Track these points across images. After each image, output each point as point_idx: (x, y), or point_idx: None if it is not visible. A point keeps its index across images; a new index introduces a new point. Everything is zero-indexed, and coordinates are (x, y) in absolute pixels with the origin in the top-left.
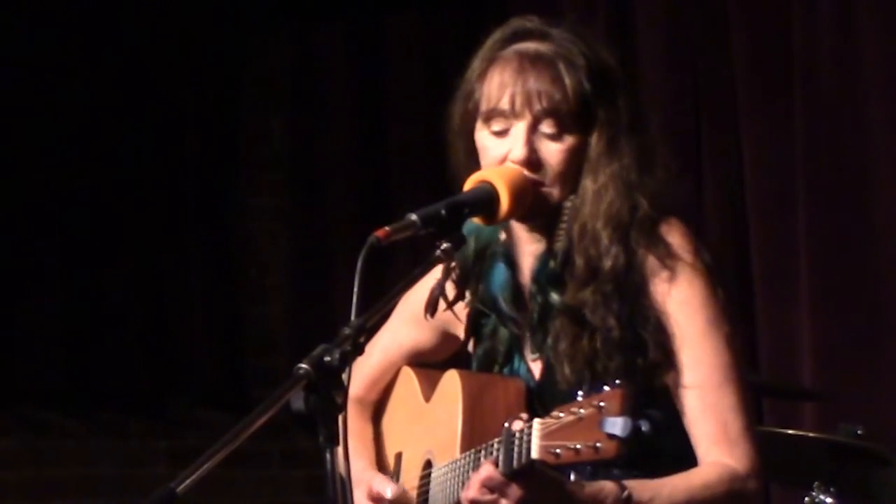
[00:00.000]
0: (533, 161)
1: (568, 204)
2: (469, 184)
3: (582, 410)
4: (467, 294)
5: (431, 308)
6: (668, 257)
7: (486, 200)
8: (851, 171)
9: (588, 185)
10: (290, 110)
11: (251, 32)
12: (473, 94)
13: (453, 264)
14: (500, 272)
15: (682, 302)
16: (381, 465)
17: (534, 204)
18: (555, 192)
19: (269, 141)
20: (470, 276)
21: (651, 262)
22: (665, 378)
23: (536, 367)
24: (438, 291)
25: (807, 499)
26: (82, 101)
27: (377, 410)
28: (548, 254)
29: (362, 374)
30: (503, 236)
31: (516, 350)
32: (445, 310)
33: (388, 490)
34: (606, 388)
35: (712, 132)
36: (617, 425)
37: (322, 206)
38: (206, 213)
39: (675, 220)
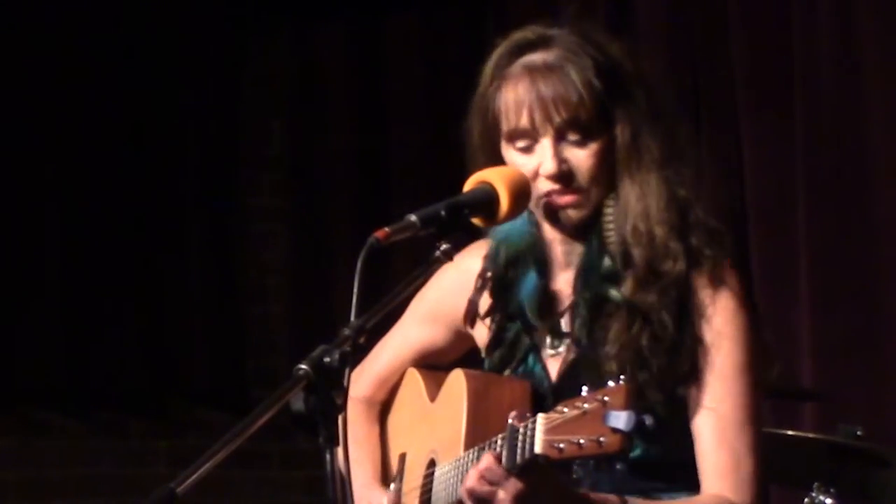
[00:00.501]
0: (565, 172)
1: (610, 203)
2: (469, 184)
3: (586, 405)
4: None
5: (471, 320)
6: (723, 288)
7: (486, 201)
8: (851, 171)
9: (626, 184)
10: (290, 110)
11: (251, 32)
12: (489, 111)
13: (489, 275)
14: (530, 281)
15: (729, 336)
16: (385, 466)
17: (553, 216)
18: (592, 196)
19: (269, 141)
20: (502, 286)
21: (707, 289)
22: (688, 393)
23: (552, 365)
24: (476, 300)
25: (807, 499)
26: (82, 102)
27: (384, 411)
28: (598, 252)
29: (371, 373)
30: (534, 233)
31: (531, 351)
32: (470, 317)
33: (384, 501)
34: (611, 383)
35: (712, 132)
36: (621, 419)
37: (322, 206)
38: (206, 213)
39: (729, 259)
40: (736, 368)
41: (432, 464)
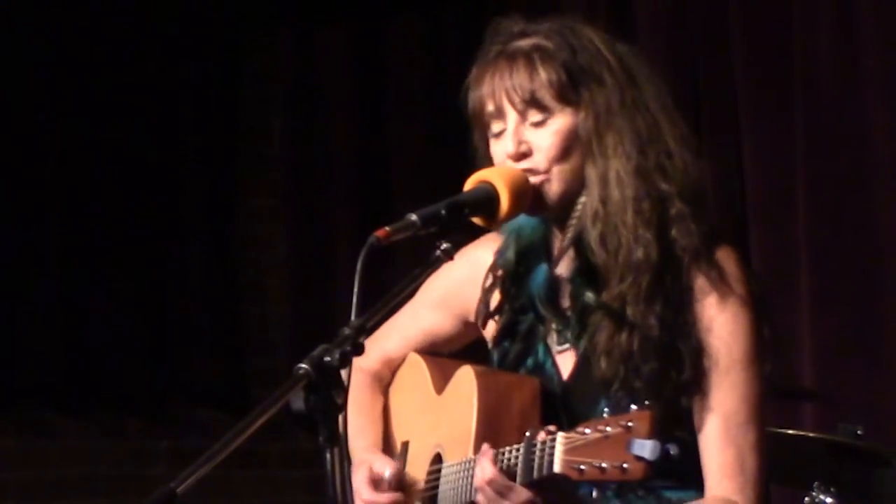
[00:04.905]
0: (523, 152)
1: (585, 190)
2: (469, 184)
3: (609, 428)
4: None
5: (482, 318)
6: (720, 282)
7: (486, 200)
8: (851, 171)
9: (590, 170)
10: (290, 110)
11: (251, 31)
12: (469, 102)
13: (500, 272)
14: (540, 272)
15: (727, 331)
16: (387, 447)
17: (537, 200)
18: (554, 180)
19: (269, 141)
20: (513, 281)
21: (701, 281)
22: (692, 399)
23: (562, 362)
24: (487, 299)
25: (807, 499)
26: (82, 100)
27: (386, 391)
28: (578, 248)
29: (380, 350)
30: (543, 227)
31: (541, 342)
32: (480, 306)
33: (386, 470)
34: (634, 407)
35: (712, 132)
36: (646, 448)
37: (322, 206)
38: (206, 213)
39: (729, 248)
40: (740, 364)
41: (438, 459)
